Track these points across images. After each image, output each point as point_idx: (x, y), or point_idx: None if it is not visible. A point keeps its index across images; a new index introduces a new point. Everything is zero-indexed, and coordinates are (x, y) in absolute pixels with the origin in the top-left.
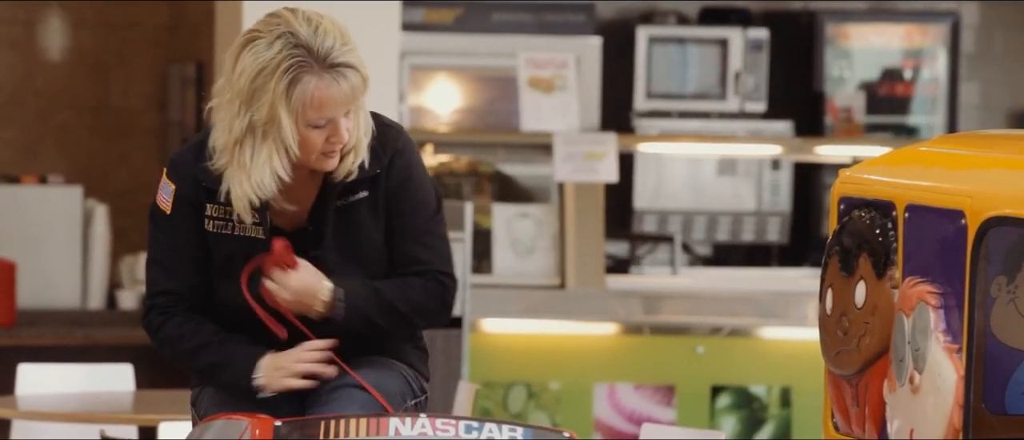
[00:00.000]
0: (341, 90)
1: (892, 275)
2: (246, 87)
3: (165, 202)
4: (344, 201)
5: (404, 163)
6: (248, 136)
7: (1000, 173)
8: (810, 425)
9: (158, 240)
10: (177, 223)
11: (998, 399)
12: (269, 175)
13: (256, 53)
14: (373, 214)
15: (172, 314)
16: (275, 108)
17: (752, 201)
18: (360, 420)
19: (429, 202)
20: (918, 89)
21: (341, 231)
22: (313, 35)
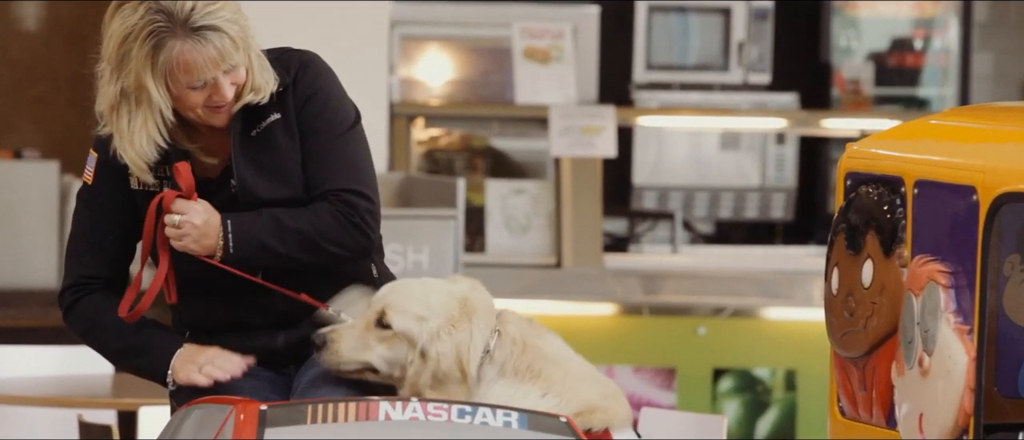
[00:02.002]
0: (206, 53)
1: (900, 253)
2: (114, 53)
3: (89, 174)
4: (257, 128)
5: (310, 78)
6: (123, 102)
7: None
8: (815, 409)
9: (82, 217)
10: (101, 193)
11: (1011, 382)
12: (147, 140)
13: (123, 18)
14: (288, 135)
15: (88, 291)
16: (141, 75)
17: (756, 176)
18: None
19: (341, 118)
20: (929, 60)
21: (259, 157)
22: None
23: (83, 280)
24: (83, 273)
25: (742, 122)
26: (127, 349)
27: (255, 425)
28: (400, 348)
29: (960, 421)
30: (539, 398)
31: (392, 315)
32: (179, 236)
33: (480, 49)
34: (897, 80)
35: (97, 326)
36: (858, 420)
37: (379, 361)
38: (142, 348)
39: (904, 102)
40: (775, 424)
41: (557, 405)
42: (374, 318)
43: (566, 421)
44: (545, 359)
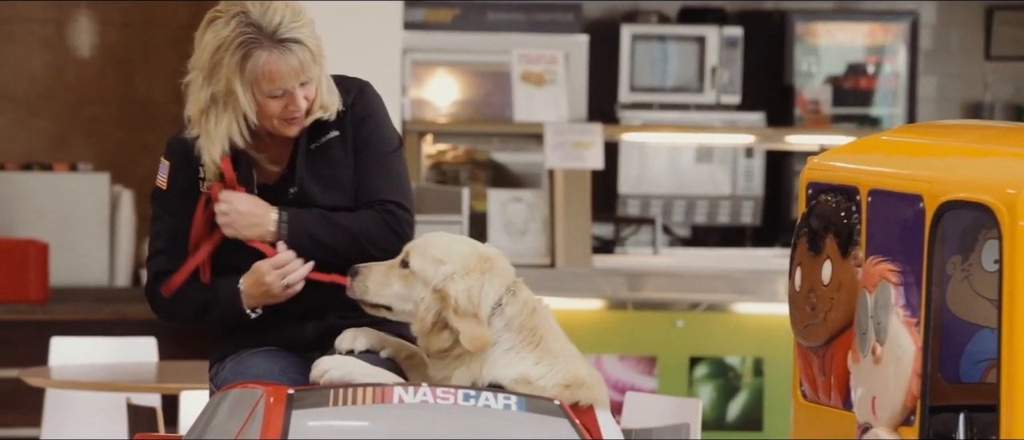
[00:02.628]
0: (289, 63)
1: (856, 254)
2: (206, 62)
3: (162, 180)
4: (317, 142)
5: (365, 102)
6: (211, 107)
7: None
8: (780, 393)
9: (158, 218)
10: (174, 195)
11: (953, 368)
12: (226, 140)
13: (215, 31)
14: (345, 151)
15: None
16: (231, 81)
17: (727, 186)
18: (367, 389)
19: (388, 139)
20: (880, 83)
21: (319, 168)
22: (263, 14)
23: (162, 275)
24: (161, 269)
25: (715, 138)
26: (202, 308)
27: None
28: (416, 287)
29: (908, 403)
30: (532, 365)
31: (413, 256)
32: (227, 223)
33: (482, 73)
34: (852, 101)
35: (176, 306)
36: (818, 402)
37: (395, 299)
38: (212, 301)
39: (858, 120)
40: (745, 406)
41: (547, 373)
42: (400, 260)
43: (560, 404)
44: (548, 328)
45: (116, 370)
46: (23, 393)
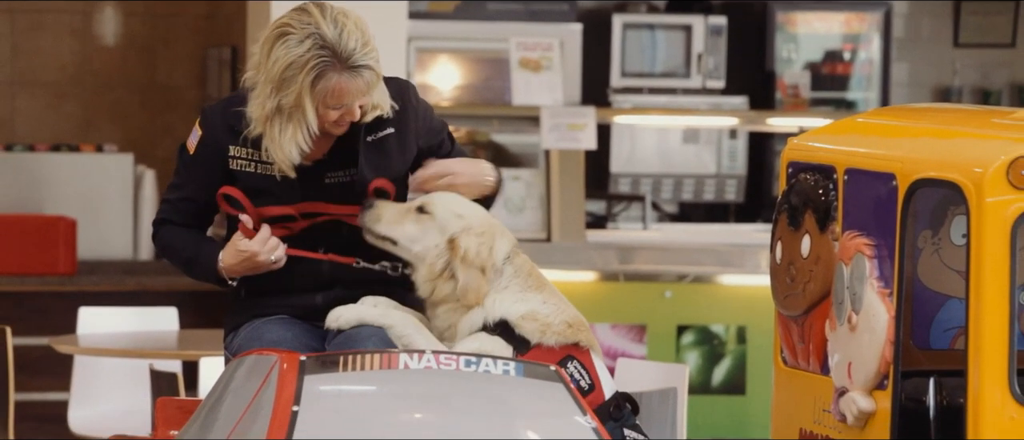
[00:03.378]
0: (357, 85)
1: (833, 229)
2: (277, 75)
3: (191, 143)
4: (374, 136)
5: (421, 108)
6: (277, 115)
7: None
8: (762, 359)
9: (178, 174)
10: (197, 164)
11: (924, 336)
12: (295, 148)
13: (288, 47)
14: (399, 146)
15: (167, 225)
16: (301, 97)
17: (712, 165)
18: (375, 355)
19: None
20: (855, 69)
21: (375, 159)
22: (338, 38)
23: (164, 223)
24: (165, 217)
25: (701, 120)
26: (186, 264)
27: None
28: (430, 232)
29: (882, 368)
30: (540, 304)
31: (435, 205)
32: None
33: (482, 60)
34: (829, 85)
35: (165, 254)
36: (798, 368)
37: (405, 237)
38: (193, 260)
39: (835, 104)
40: (729, 372)
41: (553, 312)
42: (416, 206)
43: (556, 370)
44: (548, 281)
45: (139, 338)
46: (53, 359)
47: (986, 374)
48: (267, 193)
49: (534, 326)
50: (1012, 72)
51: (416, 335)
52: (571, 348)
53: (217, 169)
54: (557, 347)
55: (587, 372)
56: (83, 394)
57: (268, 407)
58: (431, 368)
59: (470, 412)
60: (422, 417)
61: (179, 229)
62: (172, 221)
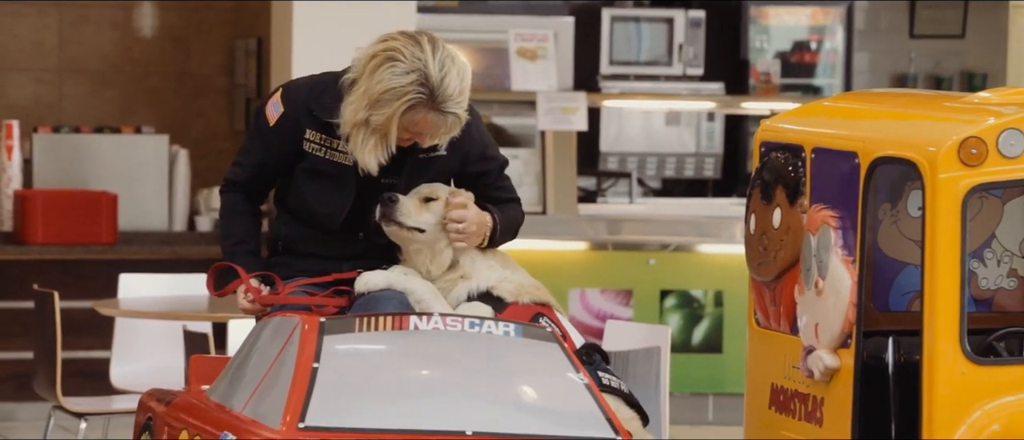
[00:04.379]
0: (440, 125)
1: (801, 203)
2: (376, 95)
3: (272, 116)
4: (426, 155)
5: (475, 123)
6: (364, 127)
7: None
8: (738, 321)
9: (254, 144)
10: (272, 135)
11: (883, 299)
12: (374, 160)
13: (393, 74)
14: (446, 168)
15: (234, 189)
16: (390, 121)
17: (692, 145)
18: (388, 317)
19: (501, 160)
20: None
21: (416, 172)
22: (439, 81)
23: (236, 184)
24: (236, 180)
25: (681, 104)
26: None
27: (316, 333)
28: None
29: (846, 329)
30: (511, 273)
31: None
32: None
33: (484, 49)
34: (798, 73)
35: (224, 216)
36: (770, 328)
37: (426, 224)
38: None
39: (803, 89)
40: (707, 332)
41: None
42: (421, 198)
43: (551, 332)
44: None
45: (174, 301)
46: (96, 321)
47: (940, 334)
48: (329, 177)
49: (510, 288)
50: (962, 60)
51: (433, 301)
52: (540, 307)
53: (291, 145)
54: (530, 304)
55: (555, 326)
56: (123, 352)
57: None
58: (439, 329)
59: (474, 369)
60: (429, 373)
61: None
62: (241, 185)
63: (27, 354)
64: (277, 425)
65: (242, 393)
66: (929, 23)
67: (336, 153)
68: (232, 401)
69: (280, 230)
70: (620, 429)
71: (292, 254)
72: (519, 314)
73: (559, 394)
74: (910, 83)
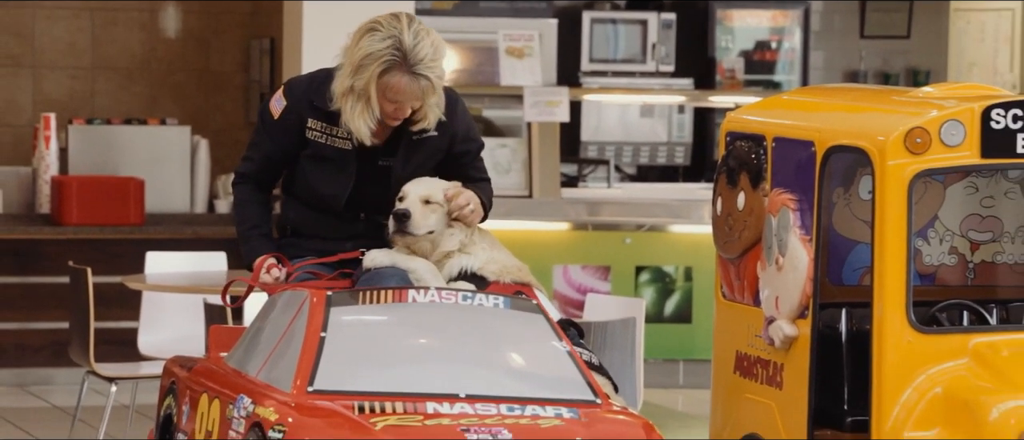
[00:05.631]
0: (412, 88)
1: (763, 187)
2: (357, 61)
3: (276, 110)
4: (418, 135)
5: (461, 110)
6: (351, 94)
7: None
8: (706, 294)
9: (261, 138)
10: (277, 127)
11: (837, 274)
12: (363, 126)
13: (372, 41)
14: (436, 147)
15: (245, 182)
16: (369, 85)
17: (664, 135)
18: (389, 291)
19: (479, 142)
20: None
21: (410, 151)
22: (412, 46)
23: (247, 176)
24: (246, 173)
25: (654, 98)
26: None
27: (323, 306)
28: (439, 212)
29: (803, 301)
30: (498, 254)
31: (435, 194)
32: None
33: (476, 48)
34: (759, 69)
35: (237, 206)
36: (734, 301)
37: (433, 225)
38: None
39: (764, 84)
40: (678, 304)
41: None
42: (421, 201)
43: (537, 304)
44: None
45: (195, 277)
46: (125, 294)
47: (888, 305)
48: (331, 161)
49: (494, 269)
50: (907, 59)
51: (431, 279)
52: (521, 286)
53: (295, 135)
54: (511, 284)
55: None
56: (150, 323)
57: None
58: (435, 302)
59: (466, 337)
60: (427, 341)
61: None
62: (251, 177)
63: (63, 324)
64: (288, 389)
65: (257, 360)
66: (878, 25)
67: (336, 139)
68: (248, 367)
69: (288, 214)
70: (599, 391)
71: (299, 236)
72: (500, 292)
73: (543, 360)
74: (861, 79)
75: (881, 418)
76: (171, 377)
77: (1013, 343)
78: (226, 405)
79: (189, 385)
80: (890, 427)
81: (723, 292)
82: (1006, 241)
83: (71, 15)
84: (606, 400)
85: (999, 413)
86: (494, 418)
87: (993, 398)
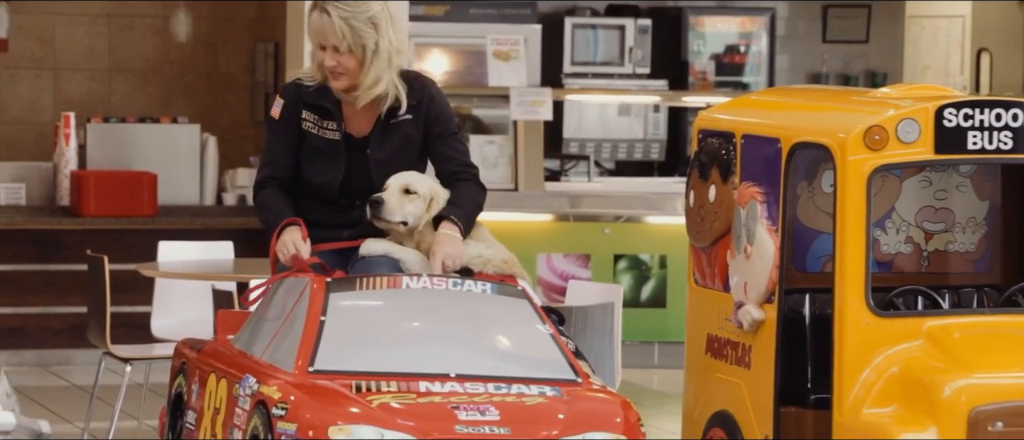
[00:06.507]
0: (318, 23)
1: (733, 181)
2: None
3: (276, 111)
4: (395, 119)
5: (436, 102)
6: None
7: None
8: (679, 280)
9: (270, 139)
10: (283, 124)
11: (801, 262)
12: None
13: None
14: (414, 129)
15: (265, 187)
16: (310, 33)
17: (641, 132)
18: (383, 278)
19: (454, 123)
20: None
21: (390, 136)
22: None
23: (269, 177)
24: (269, 174)
25: (632, 98)
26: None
27: (323, 291)
28: (418, 204)
29: (770, 287)
30: (484, 248)
31: (417, 185)
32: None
33: (466, 51)
34: (729, 72)
35: (263, 205)
36: (706, 287)
37: (410, 216)
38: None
39: (734, 85)
40: (653, 290)
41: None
42: (400, 190)
43: (522, 290)
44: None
45: (204, 265)
46: (139, 281)
47: (848, 291)
48: (323, 152)
49: (478, 261)
50: (866, 62)
51: (420, 268)
52: (505, 277)
53: (294, 129)
54: (493, 275)
55: None
56: (162, 307)
57: (302, 317)
58: (426, 288)
59: (456, 321)
60: (419, 324)
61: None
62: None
63: (81, 309)
64: (291, 369)
65: (261, 342)
66: (839, 30)
67: (326, 131)
68: (253, 349)
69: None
70: (579, 371)
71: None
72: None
73: (528, 342)
74: (823, 80)
75: (842, 396)
76: (182, 358)
77: (964, 326)
78: (233, 384)
79: (198, 365)
80: (850, 404)
81: (695, 278)
82: (957, 231)
83: (90, 21)
84: (586, 379)
85: (951, 391)
86: (482, 396)
87: (946, 377)
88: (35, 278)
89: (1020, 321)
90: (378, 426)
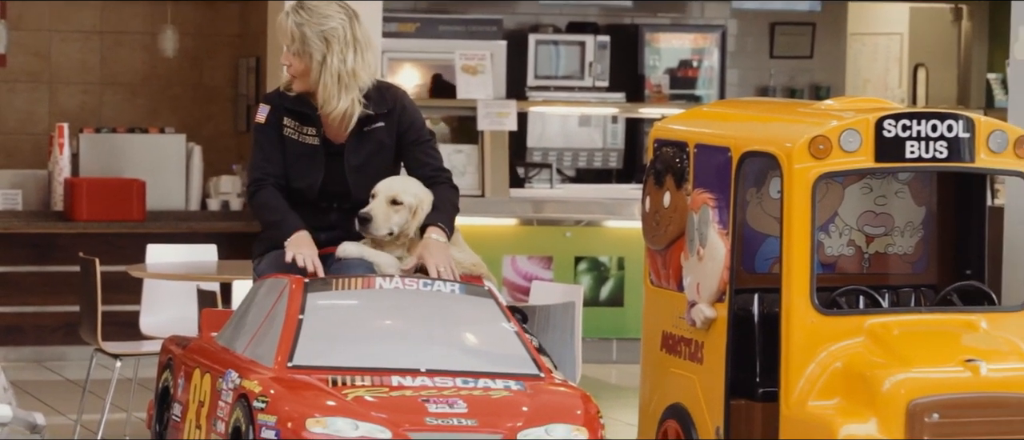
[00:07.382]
0: (284, 22)
1: (686, 187)
2: None
3: (262, 117)
4: (369, 127)
5: (407, 112)
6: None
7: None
8: (636, 281)
9: (259, 143)
10: (269, 129)
11: (750, 263)
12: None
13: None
14: (387, 136)
15: (263, 187)
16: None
17: (600, 142)
18: (358, 278)
19: (427, 130)
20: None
21: (364, 143)
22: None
23: (262, 177)
24: (263, 174)
25: (591, 110)
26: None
27: (301, 291)
28: (403, 213)
29: (721, 287)
30: (456, 252)
31: (403, 196)
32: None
33: (436, 66)
34: (683, 85)
35: (263, 206)
36: (661, 287)
37: (396, 226)
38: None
39: (687, 98)
40: (611, 290)
41: (464, 258)
42: (387, 200)
43: (488, 290)
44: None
45: (189, 267)
46: (128, 281)
47: (794, 291)
48: (303, 156)
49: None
50: (811, 76)
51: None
52: (472, 278)
53: (278, 131)
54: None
55: None
56: (150, 306)
57: (281, 315)
58: (398, 288)
59: (426, 319)
60: (391, 323)
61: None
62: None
63: (74, 308)
64: (271, 364)
65: (243, 339)
66: (785, 46)
67: (306, 136)
68: (235, 345)
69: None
70: (542, 366)
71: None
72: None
73: (494, 339)
74: (770, 93)
75: (788, 389)
76: (168, 354)
77: (903, 323)
78: (216, 379)
79: (184, 361)
80: (796, 397)
81: (651, 279)
82: (896, 235)
83: (83, 38)
84: (549, 374)
85: (891, 384)
86: (450, 390)
87: (885, 371)
88: (31, 279)
89: (955, 319)
90: (353, 418)
